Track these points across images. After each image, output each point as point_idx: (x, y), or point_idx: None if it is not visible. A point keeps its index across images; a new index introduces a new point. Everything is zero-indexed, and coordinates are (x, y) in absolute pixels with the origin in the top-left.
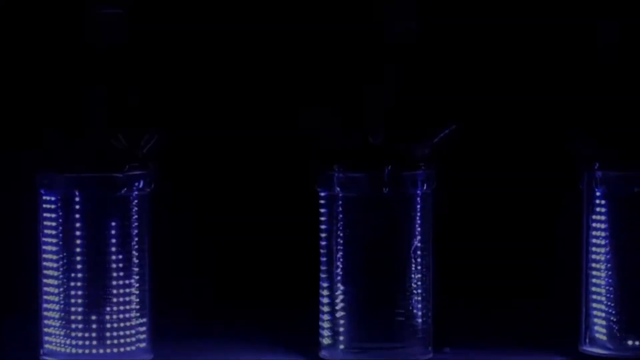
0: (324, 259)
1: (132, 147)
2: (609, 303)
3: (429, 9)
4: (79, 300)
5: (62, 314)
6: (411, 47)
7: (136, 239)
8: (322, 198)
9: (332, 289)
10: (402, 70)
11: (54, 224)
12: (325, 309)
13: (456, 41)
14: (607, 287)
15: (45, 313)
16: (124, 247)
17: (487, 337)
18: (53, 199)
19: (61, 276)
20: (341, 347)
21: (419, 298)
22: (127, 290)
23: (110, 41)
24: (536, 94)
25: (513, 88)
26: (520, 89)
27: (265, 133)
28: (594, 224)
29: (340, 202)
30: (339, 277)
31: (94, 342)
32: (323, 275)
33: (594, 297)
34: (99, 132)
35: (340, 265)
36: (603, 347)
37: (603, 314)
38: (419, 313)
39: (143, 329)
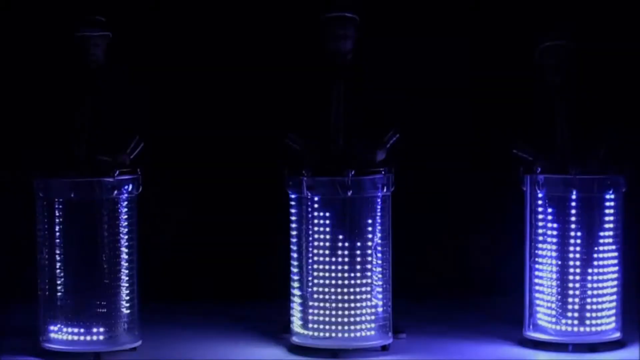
0: (294, 254)
1: (119, 155)
2: (550, 293)
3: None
4: (73, 292)
5: (59, 304)
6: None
7: (125, 236)
8: (293, 200)
9: (302, 281)
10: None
11: (50, 223)
12: (296, 300)
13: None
14: (548, 278)
15: (44, 303)
16: (115, 244)
17: (439, 326)
18: (50, 201)
19: (57, 270)
20: (310, 333)
21: (380, 289)
22: (117, 282)
23: (96, 60)
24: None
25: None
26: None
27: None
28: (537, 223)
29: (308, 204)
30: (308, 271)
31: (87, 330)
32: (294, 270)
33: (537, 287)
34: (90, 143)
35: (309, 260)
36: (544, 332)
37: (545, 303)
38: (380, 303)
39: (132, 318)
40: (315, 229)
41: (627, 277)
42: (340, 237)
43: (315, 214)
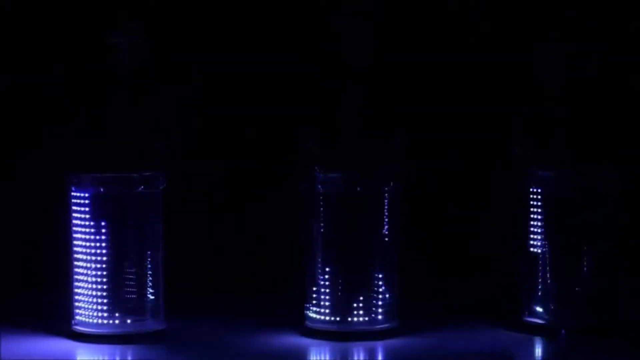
0: (308, 245)
1: (147, 154)
2: (546, 280)
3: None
4: (103, 278)
5: (89, 290)
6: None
7: (152, 228)
8: (307, 193)
9: (314, 269)
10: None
11: (82, 215)
12: (309, 287)
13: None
14: (545, 268)
15: (76, 289)
16: (141, 232)
17: (442, 309)
18: (81, 194)
19: (88, 258)
20: (322, 317)
21: (388, 277)
22: (144, 271)
23: (131, 65)
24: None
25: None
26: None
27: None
28: (530, 215)
29: (321, 197)
30: (320, 260)
31: (116, 314)
32: (307, 259)
33: (533, 276)
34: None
35: (322, 249)
36: (541, 317)
37: (539, 291)
38: (386, 289)
39: (158, 303)
40: (328, 221)
41: (621, 265)
42: (351, 228)
43: (327, 207)
